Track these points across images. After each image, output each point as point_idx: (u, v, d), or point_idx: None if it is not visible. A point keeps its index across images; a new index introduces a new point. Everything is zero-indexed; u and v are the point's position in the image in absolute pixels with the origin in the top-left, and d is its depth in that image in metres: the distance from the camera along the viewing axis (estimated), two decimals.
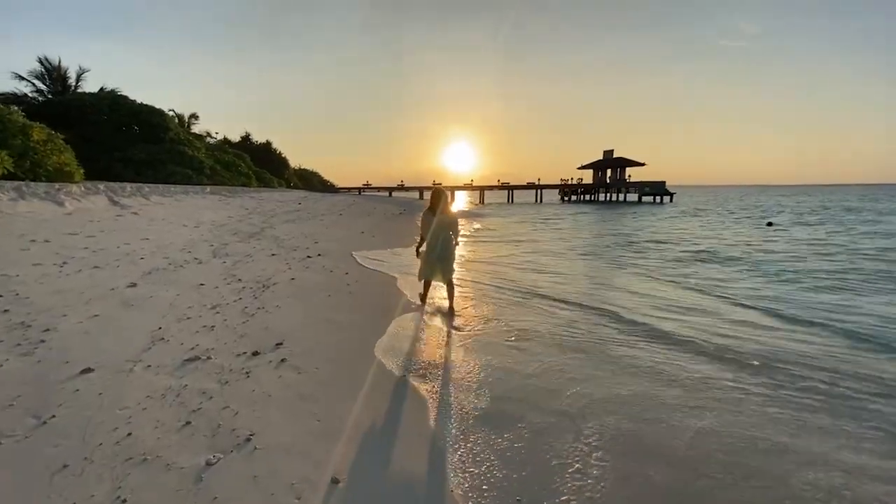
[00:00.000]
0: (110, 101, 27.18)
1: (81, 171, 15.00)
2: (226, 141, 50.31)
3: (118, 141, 26.82)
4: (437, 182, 62.08)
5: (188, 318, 4.38)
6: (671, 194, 54.71)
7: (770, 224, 20.68)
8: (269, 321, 4.47)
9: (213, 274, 6.33)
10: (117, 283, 5.31)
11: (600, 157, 64.46)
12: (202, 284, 5.67)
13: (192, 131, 41.63)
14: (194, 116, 43.82)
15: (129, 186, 15.04)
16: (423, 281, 5.51)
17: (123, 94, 29.17)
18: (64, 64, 30.56)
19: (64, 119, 25.10)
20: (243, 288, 5.68)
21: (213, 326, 4.20)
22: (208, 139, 42.17)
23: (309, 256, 8.46)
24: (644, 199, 56.31)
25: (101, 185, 13.75)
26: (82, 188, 12.25)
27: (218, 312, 4.61)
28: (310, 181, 63.34)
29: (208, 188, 21.89)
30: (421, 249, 5.36)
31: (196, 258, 7.28)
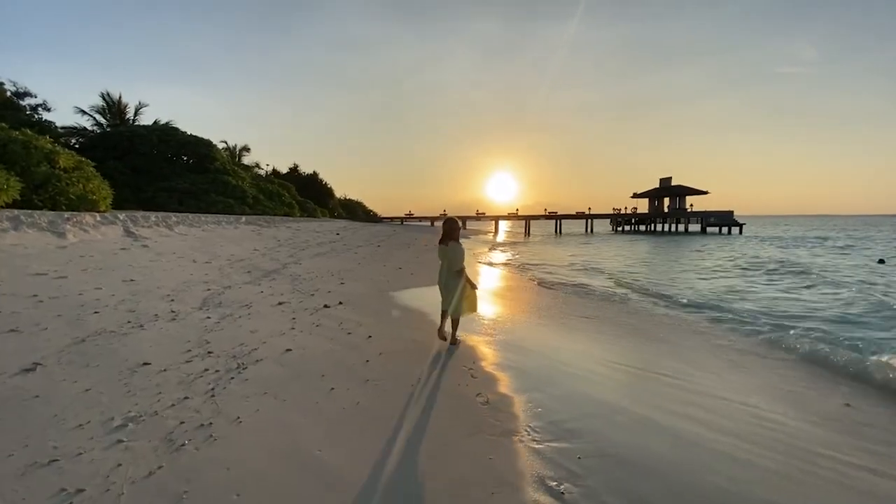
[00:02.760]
0: (160, 133, 27.55)
1: (109, 200, 14.15)
2: (275, 172, 51.25)
3: (166, 171, 26.93)
4: (479, 212, 60.29)
5: (53, 459, 2.35)
6: (740, 225, 49.71)
7: (882, 262, 18.00)
8: (197, 471, 2.35)
9: (178, 341, 4.38)
10: (14, 362, 3.43)
11: (656, 185, 60.46)
12: (146, 364, 3.70)
13: (242, 163, 42.40)
14: (245, 149, 44.81)
15: (154, 216, 13.97)
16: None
17: (175, 125, 29.66)
18: (125, 100, 31.81)
19: (115, 150, 25.50)
20: (204, 372, 3.66)
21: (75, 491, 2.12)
22: (256, 170, 42.75)
23: (327, 305, 6.45)
24: (709, 229, 51.55)
25: (122, 215, 12.66)
26: (97, 218, 11.10)
27: (121, 442, 2.56)
28: (354, 211, 63.44)
29: (244, 218, 20.95)
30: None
31: (174, 311, 5.42)
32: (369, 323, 5.73)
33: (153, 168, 26.21)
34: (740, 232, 48.85)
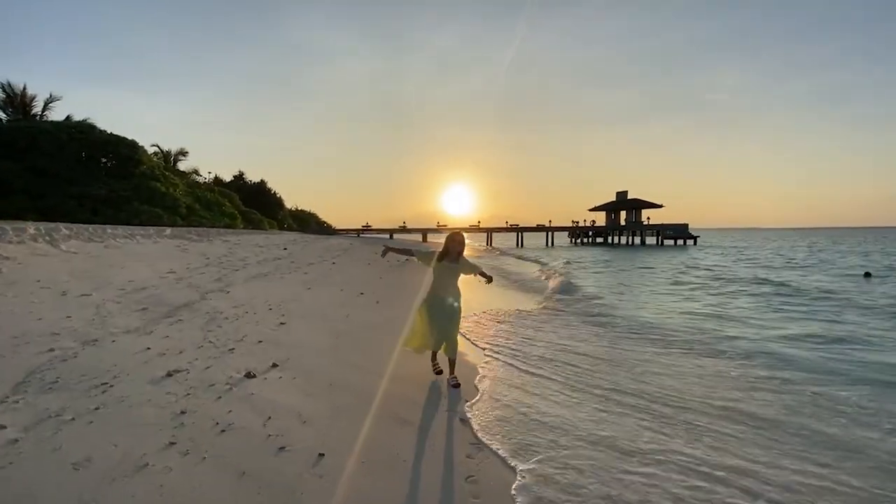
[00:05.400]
0: (72, 130, 23.48)
1: None
2: (216, 180, 46.91)
3: (78, 175, 22.90)
4: (440, 224, 58.41)
5: None
6: (695, 237, 50.89)
7: (868, 275, 17.46)
8: None
9: None
10: None
11: (613, 198, 61.24)
12: None
13: (178, 168, 38.14)
14: (182, 153, 40.50)
15: (33, 227, 10.75)
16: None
17: (93, 123, 25.56)
18: (31, 91, 27.27)
19: (9, 148, 21.26)
20: None
21: None
22: (194, 177, 38.56)
23: (251, 374, 3.99)
24: (665, 242, 52.35)
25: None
26: None
27: None
28: (306, 222, 59.67)
29: (168, 230, 17.65)
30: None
31: None
32: (320, 414, 3.36)
33: (61, 171, 22.14)
34: (695, 244, 49.92)
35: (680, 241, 51.08)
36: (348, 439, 2.98)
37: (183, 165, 40.05)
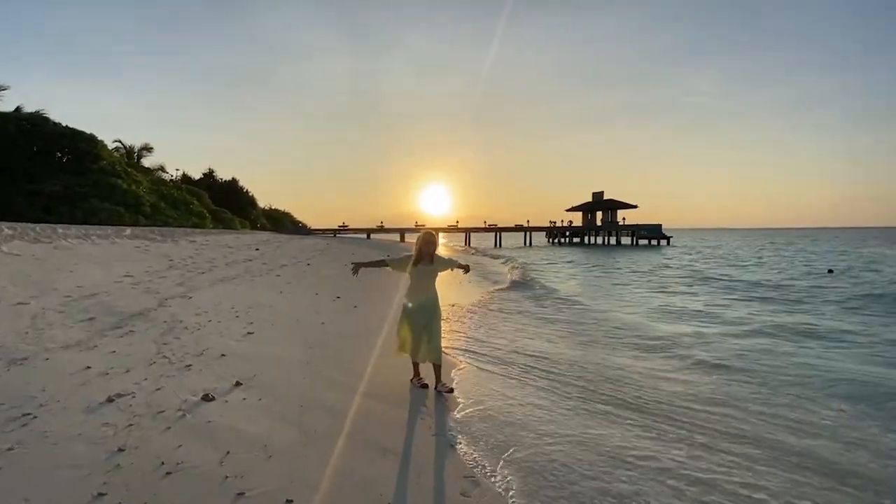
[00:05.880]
0: (23, 122, 21.90)
1: None
2: (185, 178, 45.02)
3: (29, 170, 21.37)
4: (418, 224, 57.82)
5: None
6: (668, 237, 51.99)
7: (831, 272, 18.80)
8: None
9: None
10: None
11: (589, 199, 62.00)
12: None
13: (142, 164, 36.36)
14: (146, 148, 38.59)
15: None
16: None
17: (46, 115, 23.93)
18: None
19: None
20: None
21: None
22: (160, 173, 36.82)
23: (209, 397, 3.47)
24: (640, 242, 53.27)
25: None
26: None
27: None
28: (280, 222, 58.08)
29: (129, 230, 16.59)
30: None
31: None
32: (289, 444, 2.88)
33: (9, 165, 20.60)
34: (668, 244, 51.00)
35: (654, 241, 52.08)
36: (321, 477, 2.52)
37: (148, 162, 38.14)
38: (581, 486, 2.64)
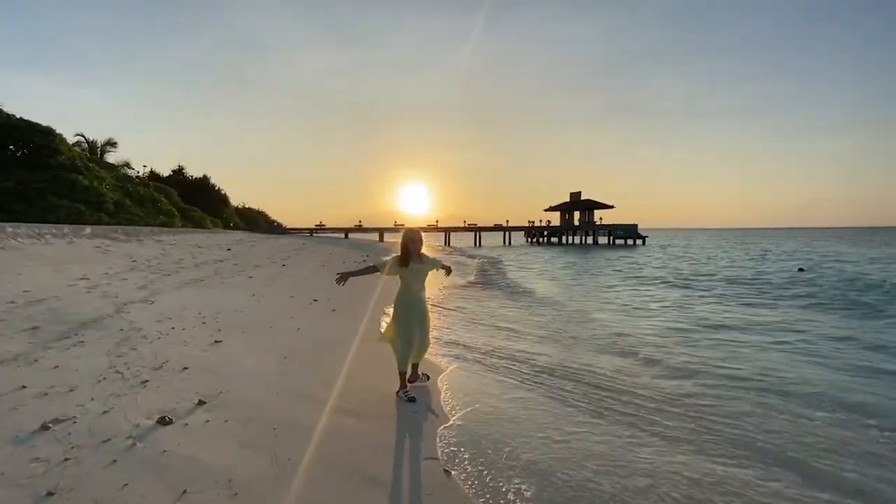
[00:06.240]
0: None
1: None
2: (152, 175, 43.19)
3: None
4: (398, 223, 57.16)
5: None
6: (643, 237, 52.91)
7: (801, 270, 19.20)
8: None
9: None
10: None
11: (567, 199, 62.54)
12: None
13: (106, 160, 34.63)
14: (111, 143, 36.83)
15: None
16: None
17: None
18: None
19: None
20: None
21: None
22: (125, 170, 35.13)
23: (165, 420, 3.02)
24: (616, 241, 54.04)
25: None
26: None
27: None
28: (254, 221, 56.43)
29: (88, 229, 15.58)
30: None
31: None
32: (258, 477, 2.48)
33: None
34: (643, 243, 51.90)
35: (630, 241, 52.90)
36: None
37: (112, 158, 36.38)
38: None
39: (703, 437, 3.37)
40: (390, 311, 7.40)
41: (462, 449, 3.02)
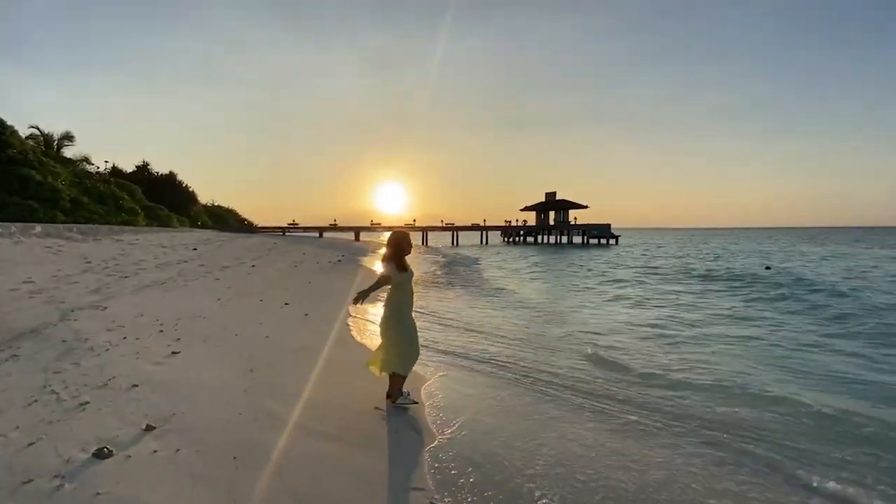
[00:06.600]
0: None
1: None
2: (115, 171, 41.11)
3: None
4: (374, 222, 56.38)
5: None
6: (616, 237, 53.85)
7: (768, 268, 19.82)
8: None
9: None
10: None
11: (543, 199, 63.09)
12: None
13: (62, 155, 32.72)
14: (67, 137, 34.80)
15: None
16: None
17: None
18: None
19: None
20: None
21: None
22: (84, 165, 33.27)
23: (106, 451, 2.59)
24: (590, 241, 54.83)
25: None
26: None
27: None
28: (224, 220, 54.59)
29: (38, 227, 14.51)
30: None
31: None
32: None
33: None
34: (616, 243, 52.82)
35: (603, 240, 53.74)
36: None
37: (70, 152, 34.43)
38: None
39: (742, 460, 3.16)
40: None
41: (454, 472, 2.71)
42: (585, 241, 55.26)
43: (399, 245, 3.57)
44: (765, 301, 10.73)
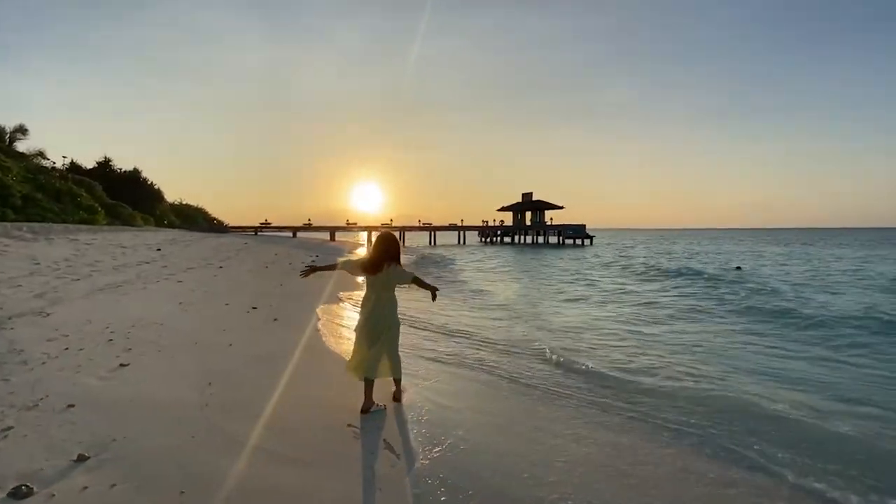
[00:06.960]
0: None
1: None
2: (73, 166, 38.99)
3: None
4: (350, 222, 55.45)
5: None
6: (591, 237, 54.64)
7: (738, 268, 20.41)
8: None
9: None
10: None
11: (520, 199, 63.48)
12: None
13: (15, 149, 30.80)
14: (20, 130, 32.86)
15: None
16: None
17: None
18: None
19: None
20: None
21: None
22: (38, 160, 31.38)
23: (21, 490, 2.18)
24: (566, 241, 55.49)
25: None
26: None
27: None
28: (192, 219, 52.55)
29: None
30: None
31: None
32: None
33: None
34: (591, 243, 53.62)
35: (578, 241, 54.47)
36: None
37: (23, 146, 32.44)
38: None
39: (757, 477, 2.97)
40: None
41: (443, 500, 2.41)
42: (561, 241, 55.88)
43: (379, 246, 3.58)
44: (710, 298, 11.27)
